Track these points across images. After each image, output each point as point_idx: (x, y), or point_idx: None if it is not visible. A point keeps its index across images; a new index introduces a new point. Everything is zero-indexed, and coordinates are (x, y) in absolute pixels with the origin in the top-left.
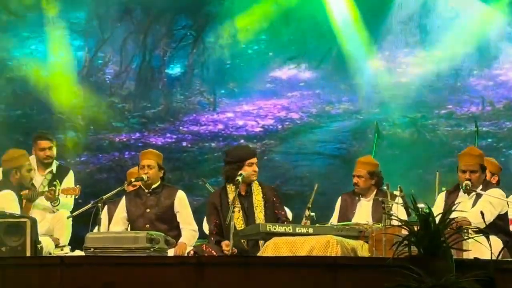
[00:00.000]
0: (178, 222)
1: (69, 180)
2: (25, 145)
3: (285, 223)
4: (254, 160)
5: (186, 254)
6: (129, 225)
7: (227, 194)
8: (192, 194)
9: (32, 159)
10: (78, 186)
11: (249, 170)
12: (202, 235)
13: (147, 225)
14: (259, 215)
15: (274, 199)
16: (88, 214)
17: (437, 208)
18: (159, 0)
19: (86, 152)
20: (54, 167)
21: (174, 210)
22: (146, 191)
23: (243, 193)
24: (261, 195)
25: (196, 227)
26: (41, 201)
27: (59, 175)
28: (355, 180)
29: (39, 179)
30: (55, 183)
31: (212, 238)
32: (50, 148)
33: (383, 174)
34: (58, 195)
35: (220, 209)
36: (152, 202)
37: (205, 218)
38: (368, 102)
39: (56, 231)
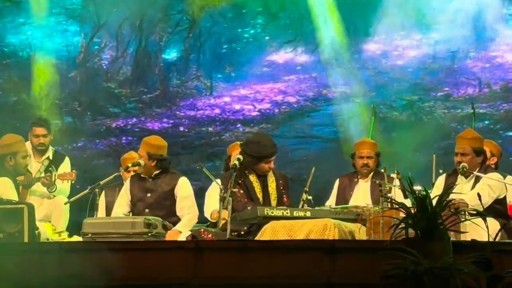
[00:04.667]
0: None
1: (66, 167)
2: (22, 132)
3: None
4: (273, 158)
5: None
6: (131, 209)
7: (247, 175)
8: (190, 179)
9: (28, 145)
10: (74, 171)
11: (265, 166)
12: (202, 219)
13: (146, 210)
14: (273, 203)
15: (282, 186)
16: (86, 199)
17: (438, 191)
18: None
19: (83, 138)
20: (50, 154)
21: (174, 196)
22: (147, 176)
23: (259, 177)
24: (275, 183)
25: (195, 214)
26: (38, 187)
27: (56, 161)
28: (365, 161)
29: (36, 165)
30: (50, 168)
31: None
32: (44, 136)
33: (380, 156)
34: (54, 181)
35: (245, 186)
36: (153, 187)
37: (205, 202)
38: (365, 85)
39: (53, 217)
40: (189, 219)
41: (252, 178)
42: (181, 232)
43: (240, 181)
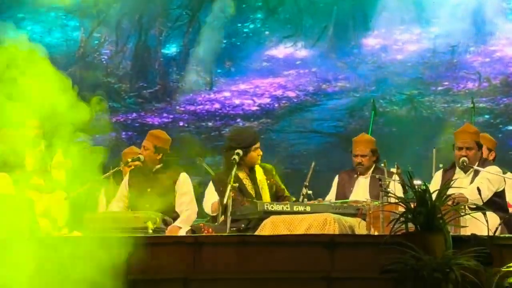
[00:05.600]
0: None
1: (59, 158)
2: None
3: (286, 199)
4: (258, 144)
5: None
6: (129, 203)
7: (237, 174)
8: (189, 174)
9: None
10: (68, 159)
11: (255, 155)
12: (202, 215)
13: (147, 205)
14: (266, 197)
15: (272, 176)
16: (86, 195)
17: (435, 186)
18: None
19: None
20: (42, 146)
21: (174, 191)
22: (148, 171)
23: (249, 173)
24: (264, 176)
25: (194, 210)
26: (34, 180)
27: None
28: (358, 159)
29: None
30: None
31: None
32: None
33: (380, 151)
34: (49, 172)
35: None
36: (154, 182)
37: (205, 197)
38: (365, 79)
39: (53, 212)
40: (188, 216)
41: (242, 175)
42: (181, 228)
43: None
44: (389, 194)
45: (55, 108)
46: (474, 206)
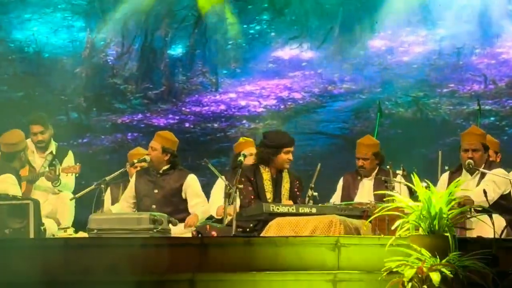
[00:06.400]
0: (184, 206)
1: (69, 160)
2: (27, 127)
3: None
4: (292, 149)
5: (194, 228)
6: (136, 204)
7: (261, 173)
8: (195, 175)
9: (30, 141)
10: (78, 164)
11: (285, 157)
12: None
13: (153, 206)
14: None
15: (297, 188)
16: (91, 195)
17: (441, 189)
18: None
19: (88, 134)
20: (53, 148)
21: (181, 193)
22: (155, 172)
23: (274, 177)
24: (289, 184)
25: (208, 208)
26: (42, 182)
27: (59, 156)
28: (360, 163)
29: (39, 161)
30: (54, 162)
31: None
32: (41, 133)
33: (385, 153)
34: (58, 175)
35: (256, 184)
36: (161, 183)
37: (211, 197)
38: (370, 81)
39: (59, 213)
40: (205, 211)
41: (266, 176)
42: (199, 216)
43: (251, 178)
44: (395, 196)
45: None
46: (480, 209)
